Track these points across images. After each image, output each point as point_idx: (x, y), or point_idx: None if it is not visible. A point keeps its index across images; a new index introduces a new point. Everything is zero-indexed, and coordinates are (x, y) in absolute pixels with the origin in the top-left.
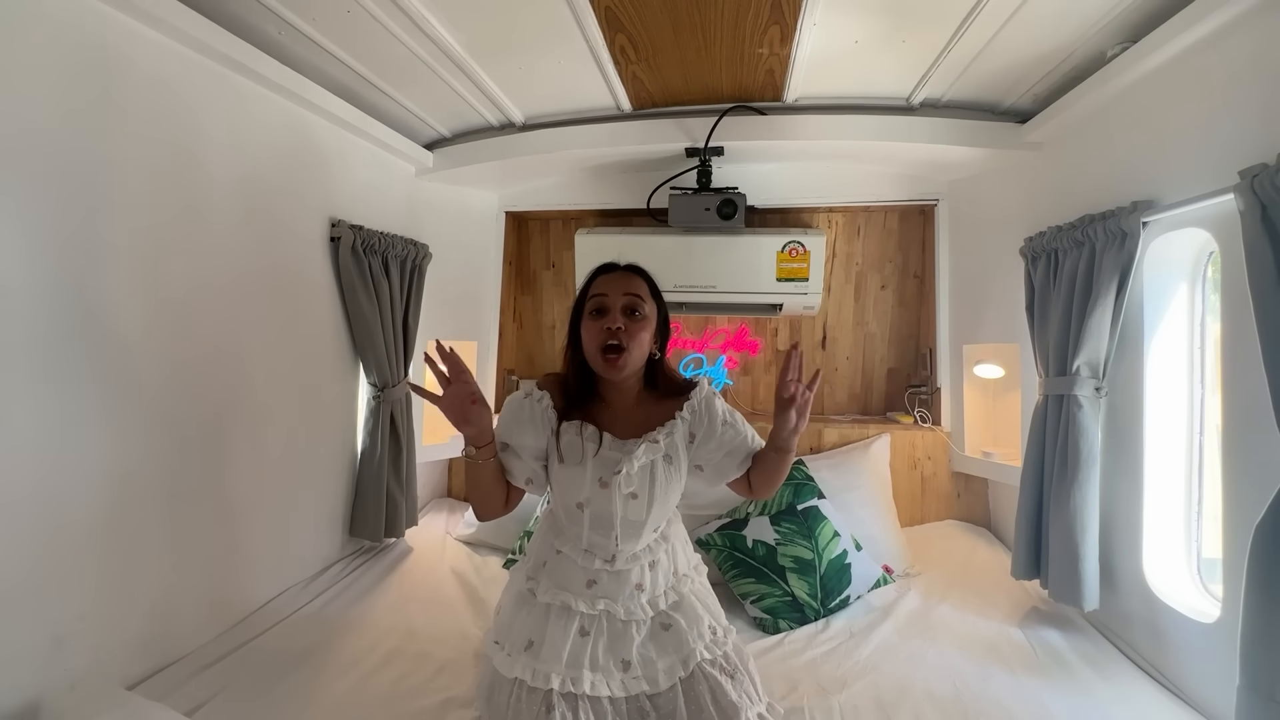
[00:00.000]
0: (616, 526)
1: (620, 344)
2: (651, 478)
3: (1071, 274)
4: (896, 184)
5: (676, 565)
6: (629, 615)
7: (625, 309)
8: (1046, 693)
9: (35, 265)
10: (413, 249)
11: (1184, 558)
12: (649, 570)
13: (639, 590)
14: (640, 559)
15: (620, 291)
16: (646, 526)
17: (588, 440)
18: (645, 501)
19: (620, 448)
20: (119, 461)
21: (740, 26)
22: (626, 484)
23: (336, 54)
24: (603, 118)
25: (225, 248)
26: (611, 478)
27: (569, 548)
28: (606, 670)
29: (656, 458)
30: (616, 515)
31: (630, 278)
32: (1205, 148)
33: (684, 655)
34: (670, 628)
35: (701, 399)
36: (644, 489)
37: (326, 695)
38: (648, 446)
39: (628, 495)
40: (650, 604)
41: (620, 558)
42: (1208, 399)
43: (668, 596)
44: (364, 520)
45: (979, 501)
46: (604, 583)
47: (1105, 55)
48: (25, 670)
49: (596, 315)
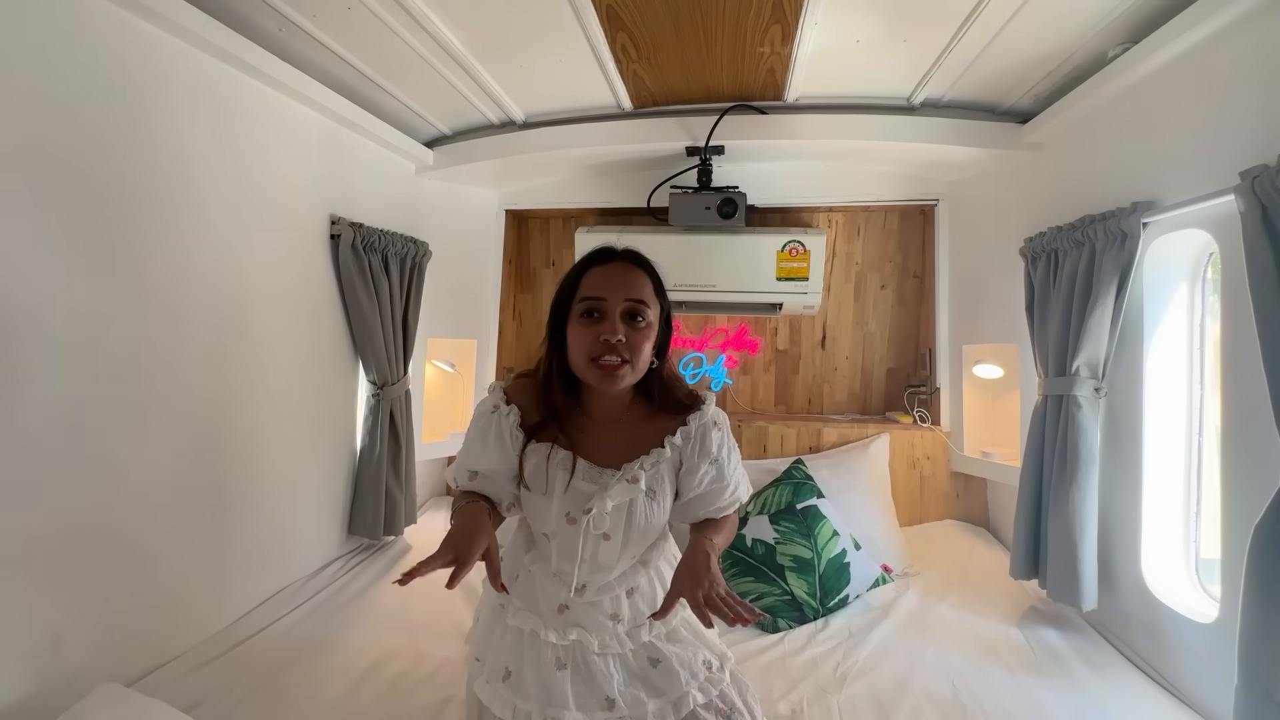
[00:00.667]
0: (579, 566)
1: (620, 357)
2: (628, 517)
3: (1071, 274)
4: (897, 184)
5: (666, 587)
6: (603, 648)
7: (626, 314)
8: (1044, 692)
9: (37, 264)
10: (413, 247)
11: (1182, 558)
12: (625, 599)
13: (614, 620)
14: (613, 588)
15: (621, 295)
16: (619, 563)
17: (556, 467)
18: (619, 544)
19: (595, 478)
20: (118, 458)
21: (742, 25)
22: (598, 524)
23: (337, 51)
24: (603, 116)
25: (224, 244)
26: (581, 515)
27: (539, 568)
28: (589, 709)
29: (636, 496)
30: (581, 556)
31: (632, 274)
32: (1206, 149)
33: (675, 699)
34: (659, 664)
35: (698, 429)
36: (618, 530)
37: (324, 693)
38: (623, 487)
39: (598, 536)
40: (630, 635)
41: (590, 590)
42: (1207, 400)
43: (653, 628)
44: (363, 518)
45: (978, 501)
46: (575, 610)
47: (1106, 56)
48: (24, 666)
49: (589, 319)
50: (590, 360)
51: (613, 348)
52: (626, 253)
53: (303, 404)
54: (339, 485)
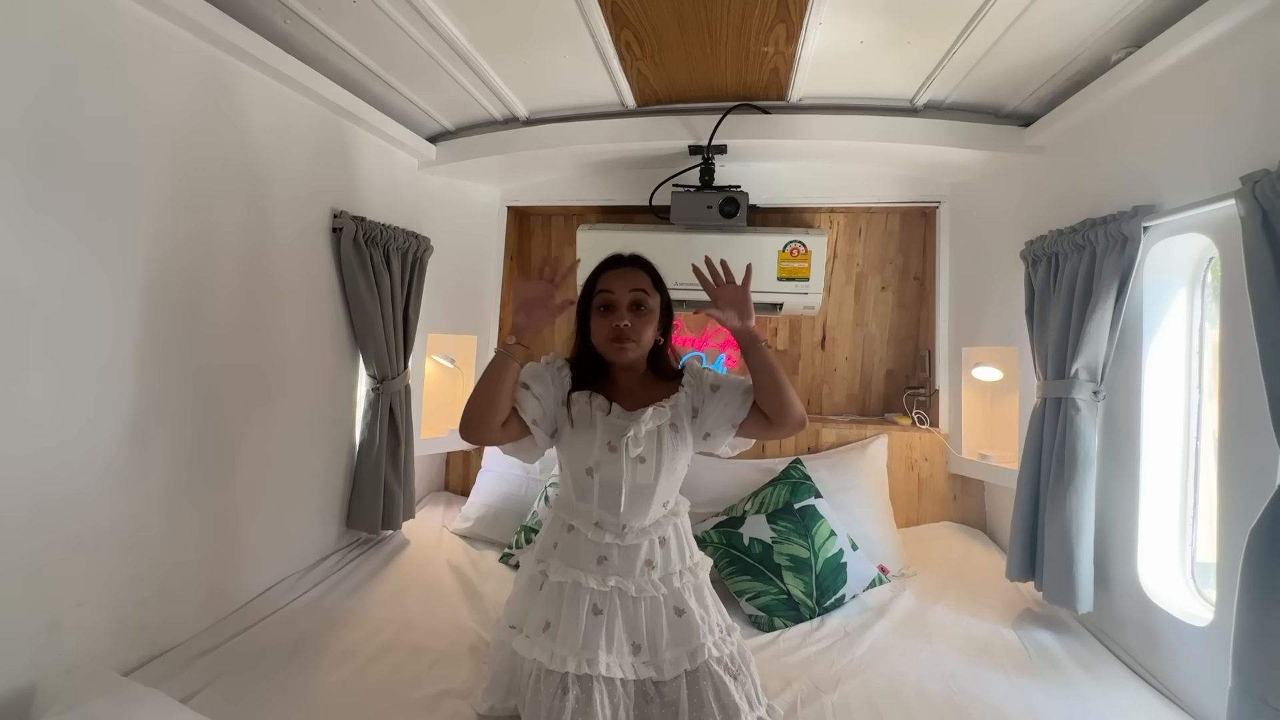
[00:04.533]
0: (624, 492)
1: (629, 338)
2: (659, 443)
3: (1071, 277)
4: (898, 186)
5: (689, 550)
6: (640, 592)
7: (631, 305)
8: (1039, 694)
9: (36, 254)
10: (414, 241)
11: (1178, 561)
12: (659, 546)
13: (649, 567)
14: (650, 534)
15: (626, 289)
16: (655, 495)
17: (597, 408)
18: (653, 466)
19: (628, 416)
20: (117, 449)
21: (746, 24)
22: (634, 446)
23: (342, 45)
24: (607, 114)
25: (226, 236)
26: (620, 441)
27: (580, 522)
28: (619, 651)
29: (663, 423)
30: (624, 479)
31: (635, 273)
32: (1207, 153)
33: (693, 648)
34: (684, 614)
35: (695, 371)
36: (651, 454)
37: (322, 685)
38: (655, 411)
39: (636, 459)
40: (663, 581)
41: (629, 532)
42: (1204, 404)
43: (682, 577)
44: (361, 512)
45: (975, 503)
46: (614, 559)
47: (1110, 60)
48: (22, 655)
49: (604, 311)
50: (607, 341)
51: (622, 331)
52: (632, 258)
53: (302, 397)
54: (338, 479)
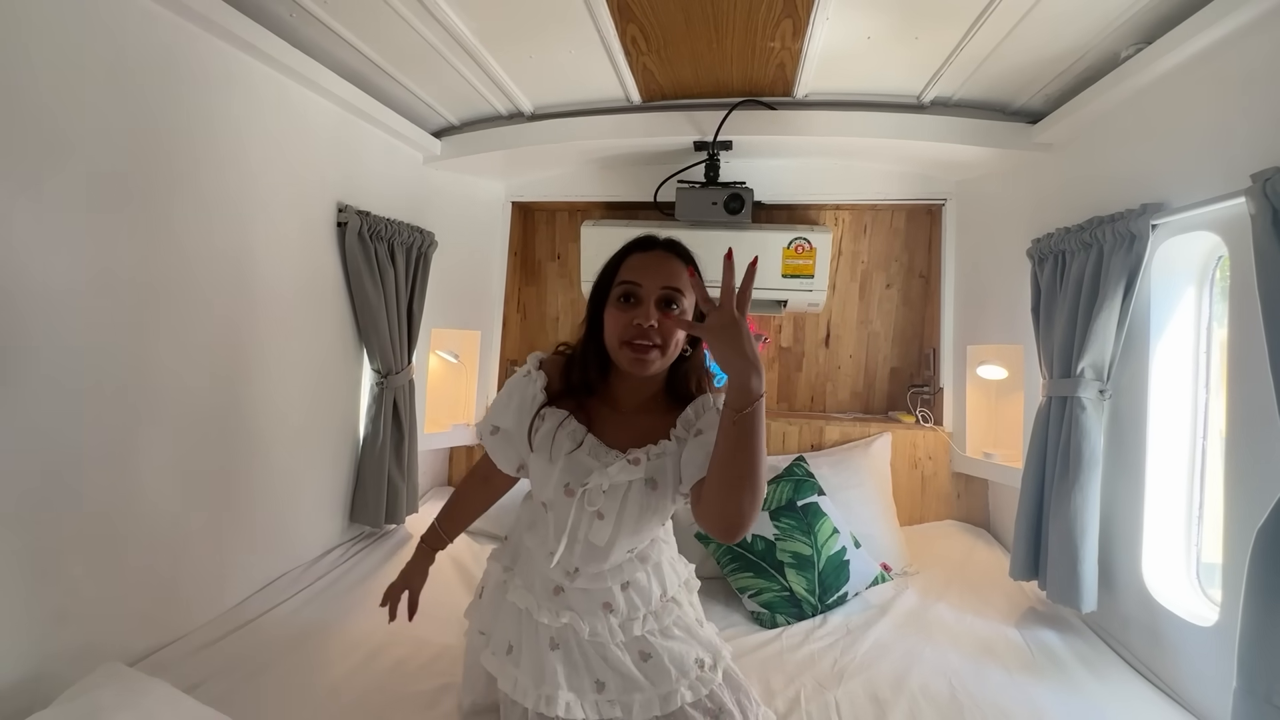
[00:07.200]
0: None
1: (651, 343)
2: (624, 502)
3: (1078, 276)
4: (904, 183)
5: (665, 586)
6: (594, 636)
7: (661, 301)
8: (1042, 693)
9: (47, 249)
10: (419, 236)
11: (1183, 561)
12: (620, 591)
13: (607, 610)
14: (607, 580)
15: (658, 283)
16: (613, 551)
17: (565, 436)
18: (611, 526)
19: (600, 456)
20: (124, 439)
21: (753, 19)
22: (591, 500)
23: (347, 38)
24: (612, 109)
25: (230, 229)
26: (578, 487)
27: (537, 545)
28: (580, 689)
29: (634, 479)
30: (569, 530)
31: (670, 263)
32: (1217, 150)
33: (664, 693)
34: (650, 659)
35: (697, 404)
36: (611, 511)
37: (324, 678)
38: (623, 466)
39: (592, 513)
40: (622, 628)
41: (582, 576)
42: (1211, 403)
43: (646, 622)
44: (365, 506)
45: (978, 502)
46: (569, 594)
47: (1119, 56)
48: (27, 644)
49: (625, 303)
50: (623, 343)
51: (645, 332)
52: (667, 242)
53: (307, 390)
54: (341, 472)
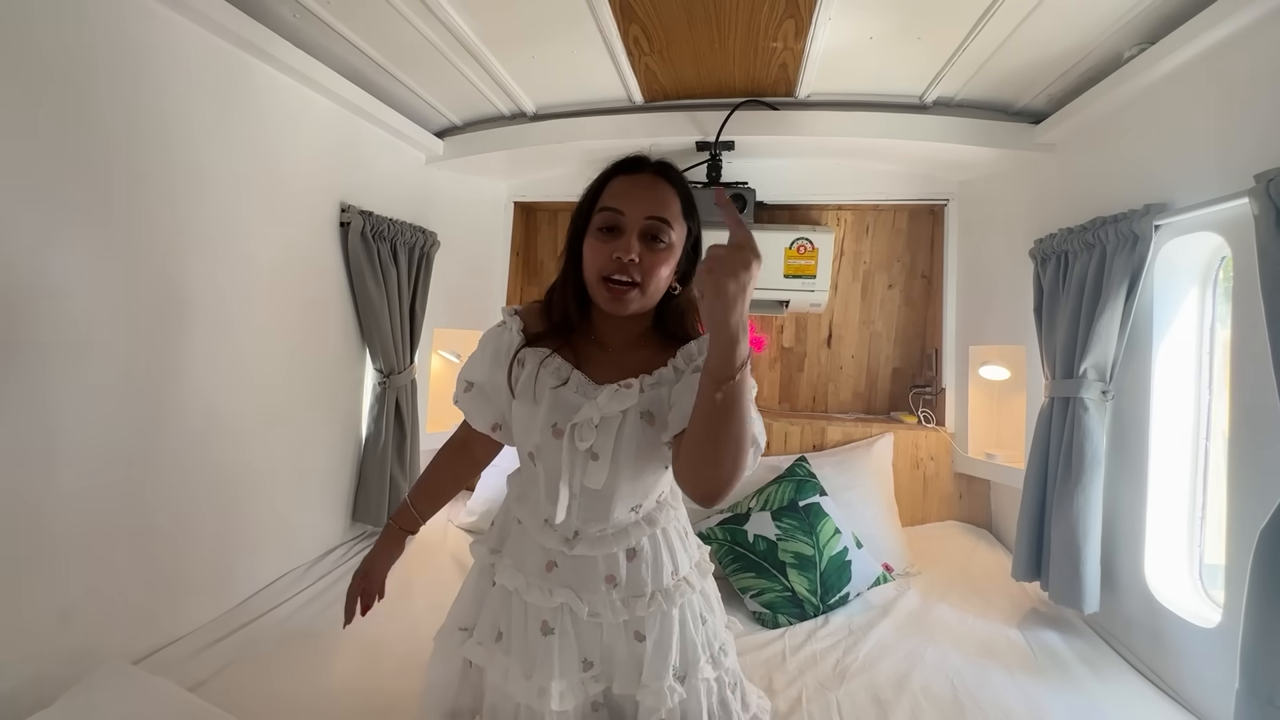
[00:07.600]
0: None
1: (630, 279)
2: (618, 436)
3: (1081, 276)
4: (907, 183)
5: (676, 563)
6: (593, 614)
7: (645, 233)
8: (1044, 693)
9: (50, 248)
10: (421, 236)
11: (1186, 563)
12: (625, 560)
13: (609, 583)
14: (610, 545)
15: (643, 211)
16: (615, 502)
17: (549, 373)
18: (606, 465)
19: (589, 393)
20: (127, 440)
21: (755, 19)
22: (582, 437)
23: (350, 39)
24: (614, 109)
25: (234, 229)
26: (567, 424)
27: (528, 515)
28: (569, 673)
29: (629, 409)
30: (564, 476)
31: (658, 188)
32: (1221, 151)
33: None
34: (644, 641)
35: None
36: (606, 449)
37: (326, 677)
38: (617, 392)
39: (585, 453)
40: (625, 603)
41: (581, 540)
42: (1214, 404)
43: (653, 601)
44: (367, 506)
45: (980, 503)
46: (565, 568)
47: (1122, 56)
48: (32, 644)
49: (606, 234)
50: (601, 278)
51: (624, 267)
52: (658, 164)
53: (309, 390)
54: (344, 472)
